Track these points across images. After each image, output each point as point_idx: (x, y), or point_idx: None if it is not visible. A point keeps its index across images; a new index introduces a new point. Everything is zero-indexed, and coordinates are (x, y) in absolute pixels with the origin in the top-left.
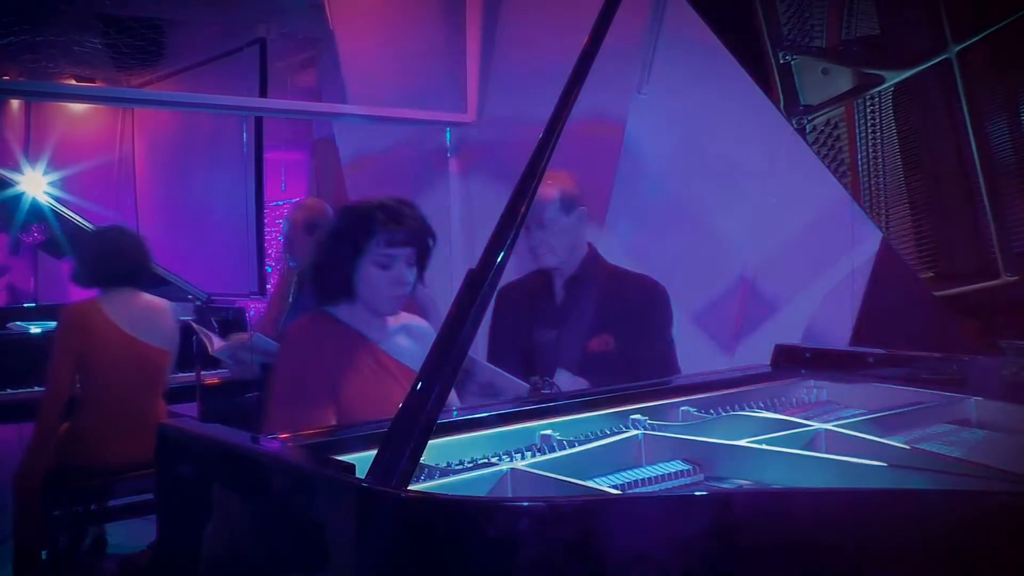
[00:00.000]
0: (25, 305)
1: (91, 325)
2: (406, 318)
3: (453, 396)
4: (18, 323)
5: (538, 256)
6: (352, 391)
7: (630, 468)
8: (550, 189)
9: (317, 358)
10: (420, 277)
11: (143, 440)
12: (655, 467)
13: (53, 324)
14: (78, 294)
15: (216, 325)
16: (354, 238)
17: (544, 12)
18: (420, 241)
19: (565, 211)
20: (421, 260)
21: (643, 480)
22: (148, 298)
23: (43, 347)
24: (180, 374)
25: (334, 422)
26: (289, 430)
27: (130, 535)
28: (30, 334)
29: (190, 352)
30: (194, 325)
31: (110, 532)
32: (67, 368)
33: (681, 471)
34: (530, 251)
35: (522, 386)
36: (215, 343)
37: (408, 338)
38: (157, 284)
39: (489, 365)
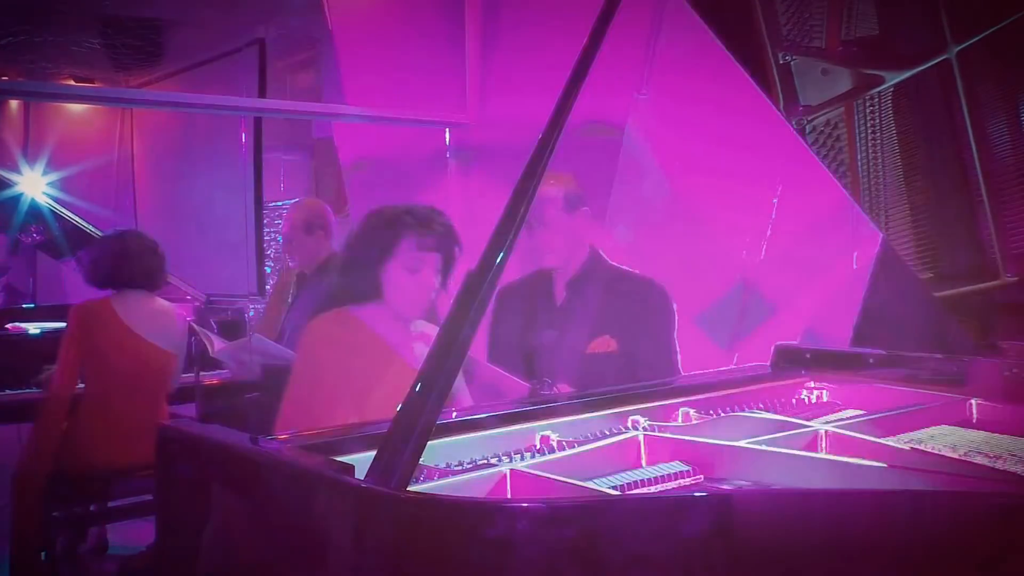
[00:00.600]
0: (24, 306)
1: (102, 324)
2: (425, 326)
3: (465, 392)
4: (17, 324)
5: (540, 256)
6: (367, 392)
7: (630, 469)
8: (553, 189)
9: (334, 355)
10: (444, 285)
11: (145, 441)
12: (655, 468)
13: (52, 325)
14: (77, 295)
15: (215, 326)
16: (383, 240)
17: (544, 12)
18: (447, 248)
19: (568, 211)
20: (446, 268)
21: (642, 481)
22: (160, 302)
23: (42, 348)
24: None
25: (350, 420)
26: (302, 426)
27: (129, 536)
28: (29, 335)
29: (190, 353)
30: (194, 326)
31: (109, 533)
32: (75, 365)
33: (680, 472)
34: (532, 251)
35: (523, 387)
36: (215, 344)
37: (427, 346)
38: None
39: (490, 366)
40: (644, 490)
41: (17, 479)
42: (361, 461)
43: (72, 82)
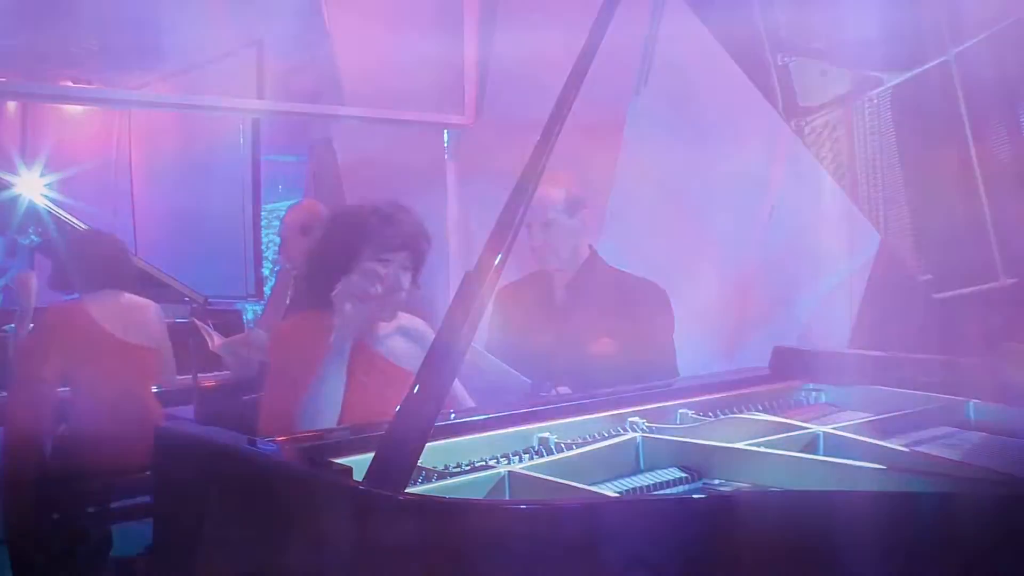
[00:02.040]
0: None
1: (76, 326)
2: (404, 319)
3: (464, 392)
4: (12, 326)
5: (540, 258)
6: (347, 390)
7: (628, 472)
8: (555, 190)
9: (306, 356)
10: (415, 281)
11: (138, 441)
12: (653, 473)
13: None
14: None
15: (211, 327)
16: (349, 243)
17: (542, 14)
18: (415, 244)
19: (569, 213)
20: (416, 263)
21: (641, 486)
22: (130, 297)
23: None
24: (176, 376)
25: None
26: (283, 425)
27: (127, 538)
28: None
29: (187, 353)
30: (196, 322)
31: None
32: (50, 369)
33: (679, 479)
34: (532, 252)
35: (527, 383)
36: (215, 339)
37: (406, 340)
38: (154, 286)
39: (497, 361)
40: (642, 491)
41: (7, 480)
42: (359, 463)
43: (70, 83)
